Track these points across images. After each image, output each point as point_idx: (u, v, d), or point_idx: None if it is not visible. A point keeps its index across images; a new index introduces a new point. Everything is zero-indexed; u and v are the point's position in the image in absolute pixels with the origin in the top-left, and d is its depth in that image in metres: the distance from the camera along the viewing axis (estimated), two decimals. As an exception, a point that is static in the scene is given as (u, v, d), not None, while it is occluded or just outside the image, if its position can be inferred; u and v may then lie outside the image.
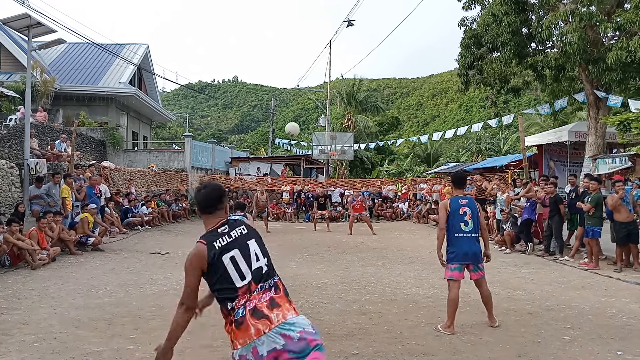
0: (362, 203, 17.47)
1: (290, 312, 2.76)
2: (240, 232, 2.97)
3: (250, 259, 2.89)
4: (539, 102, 29.52)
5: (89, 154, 21.55)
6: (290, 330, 2.66)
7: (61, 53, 28.56)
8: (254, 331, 2.65)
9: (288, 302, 2.84)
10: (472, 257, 5.59)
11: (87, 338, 5.20)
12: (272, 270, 2.96)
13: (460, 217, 5.60)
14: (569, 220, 11.61)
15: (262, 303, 2.75)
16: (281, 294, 2.85)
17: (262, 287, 2.82)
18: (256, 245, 2.98)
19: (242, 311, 2.73)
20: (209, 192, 3.05)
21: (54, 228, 10.45)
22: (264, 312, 2.70)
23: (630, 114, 14.86)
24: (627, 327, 5.77)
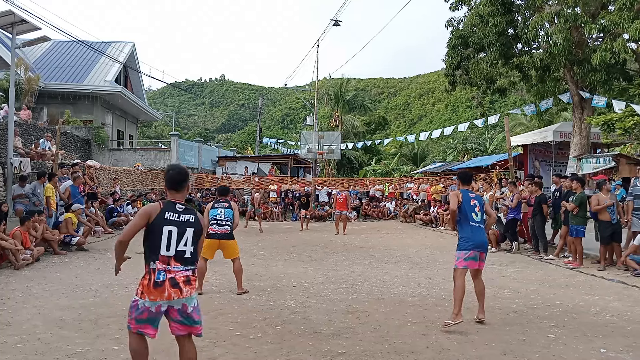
0: (345, 199, 17.38)
1: (194, 290, 3.57)
2: (186, 219, 3.65)
3: (180, 241, 3.56)
4: (524, 102, 29.74)
5: (74, 152, 21.33)
6: (190, 302, 3.53)
7: (46, 51, 28.24)
8: (167, 295, 3.43)
9: (196, 284, 3.62)
10: (485, 245, 5.88)
11: (71, 339, 5.14)
12: (194, 260, 3.63)
13: (471, 207, 5.84)
14: (554, 219, 11.73)
15: (180, 277, 3.49)
16: (195, 278, 3.61)
17: (180, 267, 3.52)
18: (191, 235, 3.62)
19: (163, 276, 3.46)
20: (175, 174, 3.79)
21: (38, 228, 10.32)
22: (179, 285, 3.47)
23: (614, 114, 15.07)
24: (610, 325, 5.84)
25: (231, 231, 7.42)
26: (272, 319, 5.99)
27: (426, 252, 12.17)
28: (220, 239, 7.34)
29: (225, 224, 7.36)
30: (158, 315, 3.51)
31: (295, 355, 4.74)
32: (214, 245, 7.38)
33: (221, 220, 7.36)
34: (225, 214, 7.42)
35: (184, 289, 3.47)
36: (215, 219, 7.36)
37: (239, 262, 7.45)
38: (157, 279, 3.45)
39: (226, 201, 7.67)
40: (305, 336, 5.33)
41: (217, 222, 7.35)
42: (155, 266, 3.49)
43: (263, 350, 4.87)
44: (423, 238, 15.58)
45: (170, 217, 3.60)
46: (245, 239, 14.46)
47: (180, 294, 3.45)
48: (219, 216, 7.38)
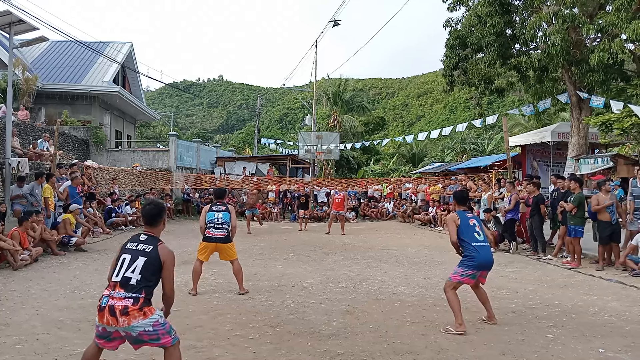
0: (343, 200, 17.36)
1: (138, 319, 3.53)
2: (142, 248, 3.75)
3: (129, 268, 3.65)
4: (522, 102, 29.75)
5: (72, 153, 21.29)
6: (132, 330, 3.54)
7: (44, 51, 28.16)
8: (105, 320, 3.54)
9: (141, 312, 3.56)
10: (490, 265, 5.76)
11: (70, 339, 5.13)
12: (139, 289, 3.62)
13: (471, 228, 5.75)
14: (552, 219, 11.75)
15: (118, 306, 3.54)
16: (136, 307, 3.55)
17: (123, 294, 3.58)
18: (141, 264, 3.67)
19: (104, 302, 3.59)
20: (150, 209, 3.97)
21: (36, 228, 10.30)
22: (116, 314, 3.52)
23: (612, 115, 15.07)
24: (608, 325, 5.85)
25: (228, 234, 7.38)
26: (271, 319, 5.99)
27: (425, 253, 12.18)
28: (217, 242, 7.30)
29: (222, 227, 7.33)
30: (107, 333, 3.62)
31: (294, 356, 4.74)
32: (211, 248, 7.37)
33: (218, 223, 7.33)
34: (223, 217, 7.38)
35: (119, 319, 3.51)
36: (213, 222, 7.33)
37: (237, 263, 7.43)
38: (101, 303, 3.62)
39: (223, 204, 7.64)
40: (304, 336, 5.33)
41: (215, 225, 7.32)
42: (105, 291, 3.67)
43: (262, 351, 4.87)
44: (422, 238, 15.59)
45: (129, 246, 3.79)
46: (244, 240, 14.46)
47: (117, 323, 3.51)
48: (216, 220, 7.35)
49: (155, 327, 3.58)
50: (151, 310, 3.60)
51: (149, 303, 3.63)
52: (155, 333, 3.58)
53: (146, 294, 3.63)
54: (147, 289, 3.66)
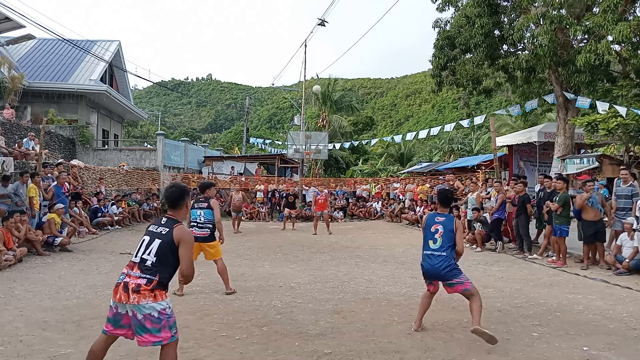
0: (326, 200, 17.36)
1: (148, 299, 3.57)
2: (159, 231, 3.79)
3: (146, 250, 3.71)
4: (510, 103, 29.96)
5: (58, 152, 21.09)
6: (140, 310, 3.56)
7: (30, 49, 27.86)
8: (117, 297, 3.61)
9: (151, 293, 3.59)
10: (435, 276, 5.41)
11: (54, 340, 5.08)
12: (154, 271, 3.65)
13: (431, 234, 5.47)
14: (538, 219, 11.84)
15: (131, 284, 3.60)
16: (148, 287, 3.59)
17: (138, 274, 3.63)
18: (157, 245, 3.70)
19: (121, 279, 3.68)
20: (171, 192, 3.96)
21: (21, 228, 10.18)
22: (128, 291, 3.58)
23: (598, 115, 15.24)
24: (592, 323, 5.91)
25: (212, 233, 7.34)
26: (258, 319, 5.97)
27: (412, 252, 12.20)
28: (200, 242, 7.23)
29: (204, 226, 7.28)
30: (119, 317, 3.65)
31: (281, 356, 4.73)
32: (196, 248, 7.33)
33: (201, 222, 7.28)
34: (205, 216, 7.33)
35: (130, 295, 3.55)
36: (195, 221, 7.28)
37: (222, 263, 7.39)
38: (118, 280, 3.71)
39: (206, 200, 7.57)
40: (292, 336, 5.32)
41: (197, 224, 7.27)
42: (124, 269, 3.75)
43: (249, 351, 4.85)
44: (409, 238, 15.63)
45: (151, 228, 3.87)
46: (231, 239, 14.40)
47: (128, 299, 3.56)
48: (198, 218, 7.30)
49: (161, 316, 3.59)
50: (162, 295, 3.63)
51: (161, 287, 3.64)
52: (158, 322, 3.58)
53: (160, 277, 3.63)
54: (162, 272, 3.66)
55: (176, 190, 3.96)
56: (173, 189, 3.97)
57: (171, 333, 3.65)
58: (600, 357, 4.76)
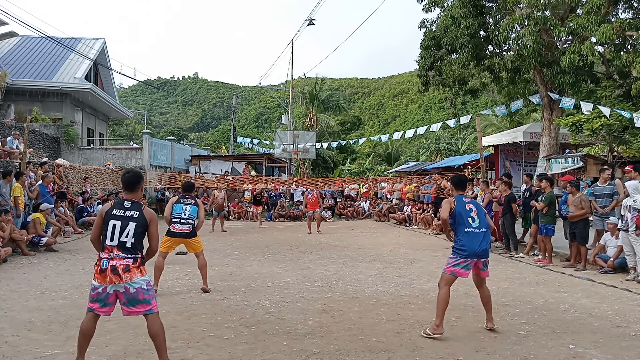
0: (317, 199, 17.44)
1: (137, 275, 4.08)
2: (130, 215, 4.20)
3: (122, 233, 4.12)
4: (495, 103, 30.24)
5: (42, 151, 20.84)
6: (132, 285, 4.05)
7: (13, 46, 27.48)
8: (108, 280, 4.02)
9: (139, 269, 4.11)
10: (482, 254, 5.42)
11: (40, 341, 5.02)
12: (134, 249, 4.14)
13: (467, 212, 5.46)
14: (524, 218, 11.95)
15: (120, 265, 4.04)
16: (136, 265, 4.10)
17: (122, 255, 4.07)
18: (133, 228, 4.15)
19: (105, 264, 4.05)
20: (129, 176, 4.41)
21: (5, 228, 10.04)
22: (118, 272, 4.02)
23: (582, 115, 15.42)
24: (578, 321, 5.98)
25: (194, 229, 7.30)
26: (247, 319, 5.95)
27: (400, 251, 12.27)
28: (182, 237, 7.22)
29: (187, 223, 7.23)
30: (105, 296, 4.08)
31: (269, 355, 4.72)
32: (176, 242, 7.31)
33: (184, 218, 7.22)
34: (190, 212, 7.28)
35: (122, 275, 4.01)
36: (179, 216, 7.22)
37: (203, 258, 7.38)
38: (102, 265, 4.06)
39: (192, 197, 7.54)
40: (280, 336, 5.32)
41: (180, 220, 7.21)
42: (102, 255, 4.12)
43: (237, 351, 4.84)
44: (397, 237, 15.70)
45: (116, 213, 4.21)
46: (219, 239, 14.36)
47: (120, 279, 4.01)
48: (183, 213, 7.24)
49: (148, 286, 4.12)
50: (144, 270, 4.16)
51: (143, 263, 4.17)
52: (147, 292, 4.10)
53: (141, 253, 4.16)
54: (141, 250, 4.17)
55: (133, 175, 4.41)
56: (130, 174, 4.40)
57: (156, 302, 4.19)
58: (586, 354, 4.82)
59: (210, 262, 9.52)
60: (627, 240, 8.48)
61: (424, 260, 10.88)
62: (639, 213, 8.23)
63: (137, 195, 4.40)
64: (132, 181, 4.37)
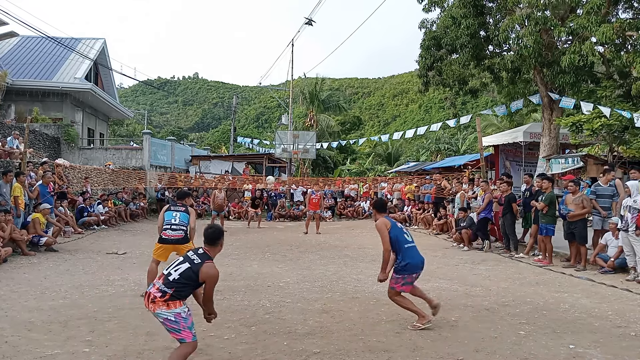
0: (319, 200, 17.45)
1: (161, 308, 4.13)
2: (193, 259, 4.30)
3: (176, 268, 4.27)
4: (495, 103, 30.21)
5: (43, 151, 20.84)
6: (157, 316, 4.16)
7: (14, 46, 27.47)
8: (145, 304, 4.22)
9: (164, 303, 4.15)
10: (422, 265, 5.80)
11: (40, 341, 5.02)
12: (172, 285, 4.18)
13: (400, 230, 5.85)
14: (524, 218, 11.95)
15: (151, 295, 4.18)
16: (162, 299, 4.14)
17: (160, 285, 4.18)
18: (184, 268, 4.24)
19: (149, 288, 4.23)
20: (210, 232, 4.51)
21: (5, 228, 10.05)
22: (148, 300, 4.19)
23: (582, 115, 15.42)
24: (578, 321, 5.98)
25: (186, 235, 7.17)
26: (247, 319, 5.96)
27: (400, 251, 12.25)
28: (174, 244, 7.12)
29: (178, 229, 7.10)
30: None
31: (269, 355, 4.73)
32: (168, 249, 7.19)
33: (175, 224, 7.10)
34: (181, 218, 7.17)
35: (149, 305, 4.16)
36: (170, 222, 7.12)
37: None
38: (147, 288, 4.38)
39: (183, 205, 7.47)
40: (280, 336, 5.32)
41: (171, 226, 7.09)
42: (156, 279, 4.36)
43: (237, 351, 4.84)
44: (397, 237, 15.66)
45: (189, 254, 4.40)
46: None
47: (147, 307, 4.20)
48: (173, 220, 7.14)
49: (177, 318, 4.11)
50: (176, 304, 4.13)
51: (175, 299, 4.14)
52: (176, 323, 4.12)
53: (175, 291, 4.14)
54: (178, 288, 4.16)
55: (215, 230, 4.53)
56: (213, 230, 4.53)
57: (192, 333, 4.15)
58: (586, 354, 4.82)
59: (211, 262, 9.54)
60: (627, 241, 8.49)
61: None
62: (639, 213, 8.23)
63: (215, 250, 4.48)
64: (212, 237, 4.48)
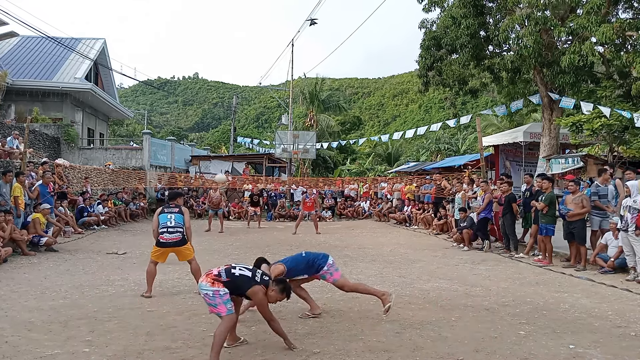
0: (314, 201, 17.43)
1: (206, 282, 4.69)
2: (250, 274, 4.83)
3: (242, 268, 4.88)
4: (495, 103, 30.21)
5: (42, 151, 20.85)
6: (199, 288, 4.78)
7: (14, 46, 27.48)
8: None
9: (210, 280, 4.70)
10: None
11: (40, 341, 5.02)
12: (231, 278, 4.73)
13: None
14: (524, 218, 11.95)
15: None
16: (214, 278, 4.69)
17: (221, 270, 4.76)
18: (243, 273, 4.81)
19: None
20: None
21: (5, 228, 10.04)
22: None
23: (582, 115, 15.43)
24: (578, 321, 5.98)
25: (183, 237, 7.21)
26: (247, 319, 5.95)
27: (400, 251, 12.27)
28: (172, 247, 7.16)
29: (175, 231, 7.14)
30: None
31: (269, 355, 4.73)
32: (167, 251, 7.23)
33: (171, 227, 7.13)
34: (176, 219, 7.19)
35: (204, 277, 4.73)
36: (166, 225, 7.14)
37: (195, 263, 7.29)
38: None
39: (176, 206, 7.47)
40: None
41: (168, 229, 7.12)
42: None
43: (237, 351, 4.84)
44: (397, 237, 15.70)
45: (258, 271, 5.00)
46: (219, 239, 14.37)
47: (202, 281, 4.73)
48: (169, 222, 7.15)
49: (215, 295, 4.57)
50: (219, 285, 4.60)
51: (221, 283, 4.59)
52: (213, 299, 4.58)
53: (227, 282, 4.62)
54: (231, 282, 4.64)
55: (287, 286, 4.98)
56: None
57: (227, 307, 4.58)
58: (586, 354, 4.82)
59: (211, 262, 9.53)
60: (627, 241, 8.48)
61: (424, 260, 10.87)
62: (639, 213, 8.23)
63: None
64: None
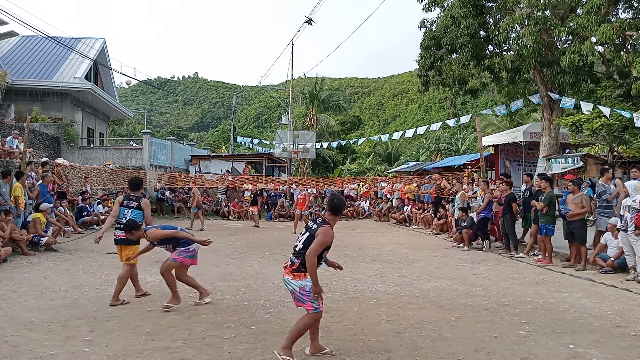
0: (305, 199, 17.47)
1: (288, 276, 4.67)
2: (313, 227, 4.77)
3: (301, 239, 4.75)
4: (495, 103, 30.23)
5: (42, 150, 20.84)
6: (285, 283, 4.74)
7: (14, 46, 27.48)
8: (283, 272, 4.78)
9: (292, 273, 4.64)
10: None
11: (40, 341, 5.02)
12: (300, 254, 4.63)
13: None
14: (524, 218, 11.95)
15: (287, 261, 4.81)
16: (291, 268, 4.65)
17: (292, 256, 4.74)
18: (305, 236, 4.72)
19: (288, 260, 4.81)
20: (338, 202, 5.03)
21: (5, 227, 10.04)
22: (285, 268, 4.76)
23: (582, 115, 15.43)
24: (578, 321, 5.98)
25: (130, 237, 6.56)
26: (247, 319, 5.95)
27: (400, 251, 12.27)
28: (120, 245, 6.68)
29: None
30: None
31: (269, 355, 4.73)
32: (119, 249, 6.78)
33: (123, 223, 6.57)
34: (132, 216, 6.64)
35: (284, 270, 4.70)
36: (121, 222, 6.62)
37: (128, 270, 6.64)
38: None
39: (136, 200, 6.86)
40: (280, 336, 5.30)
41: (121, 224, 6.59)
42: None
43: (237, 351, 4.84)
44: (397, 237, 15.70)
45: (309, 224, 4.87)
46: (219, 239, 14.35)
47: (284, 275, 4.69)
48: (124, 218, 6.63)
49: (302, 292, 4.54)
50: (301, 276, 4.55)
51: (301, 270, 4.54)
52: (300, 295, 4.55)
53: (302, 261, 4.53)
54: (304, 254, 4.55)
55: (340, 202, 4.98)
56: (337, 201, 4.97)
57: (313, 306, 4.52)
58: (586, 354, 4.82)
59: (211, 261, 9.54)
60: (627, 241, 8.49)
61: (424, 260, 10.88)
62: (638, 213, 8.23)
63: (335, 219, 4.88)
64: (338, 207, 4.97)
